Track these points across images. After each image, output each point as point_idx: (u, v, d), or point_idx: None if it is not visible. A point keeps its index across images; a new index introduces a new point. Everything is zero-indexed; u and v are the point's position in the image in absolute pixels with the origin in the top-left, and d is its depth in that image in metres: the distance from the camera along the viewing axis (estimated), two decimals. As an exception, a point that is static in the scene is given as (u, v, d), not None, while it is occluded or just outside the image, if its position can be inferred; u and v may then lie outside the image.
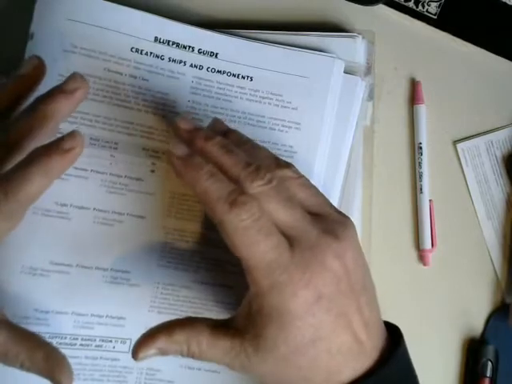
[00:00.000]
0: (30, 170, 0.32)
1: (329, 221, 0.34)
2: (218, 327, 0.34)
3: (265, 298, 0.32)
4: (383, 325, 0.36)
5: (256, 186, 0.33)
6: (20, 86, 0.38)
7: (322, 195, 0.37)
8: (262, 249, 0.32)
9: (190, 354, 0.34)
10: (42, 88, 0.40)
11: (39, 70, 0.38)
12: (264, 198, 0.33)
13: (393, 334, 0.36)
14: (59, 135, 0.34)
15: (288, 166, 0.36)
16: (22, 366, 0.34)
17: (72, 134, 0.33)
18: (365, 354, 0.34)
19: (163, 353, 0.35)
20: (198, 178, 0.33)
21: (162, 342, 0.34)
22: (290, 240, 0.33)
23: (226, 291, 0.42)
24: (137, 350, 0.34)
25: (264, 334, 0.33)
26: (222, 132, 0.38)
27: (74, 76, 0.36)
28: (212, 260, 0.42)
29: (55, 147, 0.33)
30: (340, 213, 0.36)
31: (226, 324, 0.35)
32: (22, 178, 0.32)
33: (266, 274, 0.32)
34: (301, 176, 0.36)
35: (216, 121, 0.40)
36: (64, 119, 0.37)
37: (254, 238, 0.32)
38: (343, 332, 0.33)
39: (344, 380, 0.33)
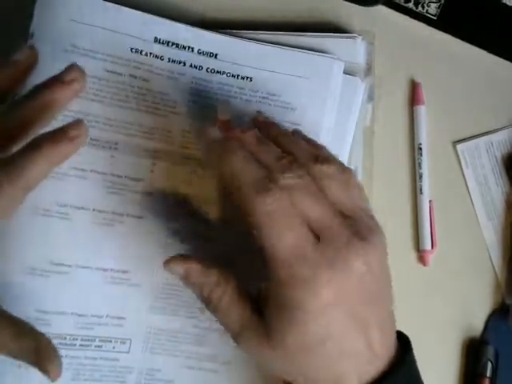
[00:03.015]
0: (35, 155, 0.33)
1: (360, 225, 0.33)
2: (244, 291, 0.34)
3: (282, 288, 0.31)
4: (395, 335, 0.35)
5: (287, 178, 0.32)
6: (16, 71, 0.38)
7: (360, 198, 0.35)
8: (286, 239, 0.31)
9: (207, 300, 0.34)
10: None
11: (34, 57, 0.39)
12: (294, 191, 0.32)
13: (402, 343, 0.35)
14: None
15: (329, 161, 0.35)
16: (8, 354, 0.33)
17: (77, 123, 0.34)
18: (375, 363, 0.33)
19: (186, 278, 0.34)
20: (231, 161, 0.33)
21: (194, 267, 0.34)
22: (318, 237, 0.32)
23: None
24: (169, 260, 0.34)
25: (274, 325, 0.32)
26: (261, 123, 0.38)
27: (71, 67, 0.36)
28: (214, 258, 0.42)
29: (62, 134, 0.33)
30: (373, 219, 0.35)
31: (250, 294, 0.34)
32: (27, 163, 0.32)
33: (287, 266, 0.31)
34: (343, 174, 0.35)
35: (256, 114, 0.40)
36: (61, 109, 0.37)
37: (280, 227, 0.31)
38: (357, 337, 0.32)
39: None
